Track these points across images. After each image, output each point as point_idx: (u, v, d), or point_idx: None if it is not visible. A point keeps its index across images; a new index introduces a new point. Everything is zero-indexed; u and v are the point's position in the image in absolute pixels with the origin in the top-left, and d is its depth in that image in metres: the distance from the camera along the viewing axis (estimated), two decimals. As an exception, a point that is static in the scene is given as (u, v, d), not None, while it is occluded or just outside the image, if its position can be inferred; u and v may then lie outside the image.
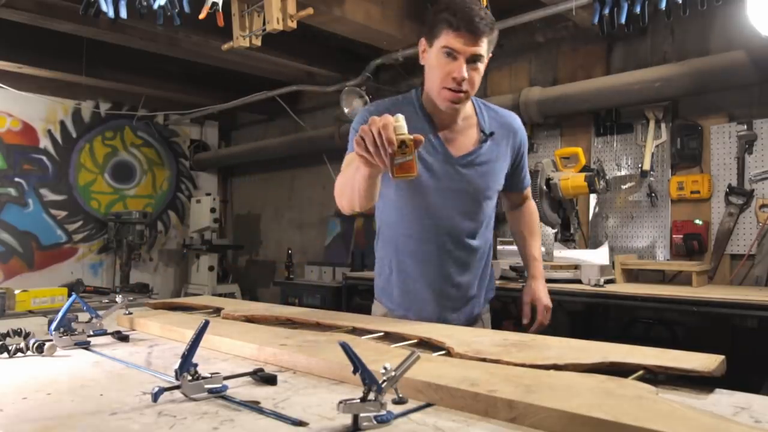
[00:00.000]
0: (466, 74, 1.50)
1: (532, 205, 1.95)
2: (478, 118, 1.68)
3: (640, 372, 1.02)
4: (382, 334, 1.45)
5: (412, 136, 1.23)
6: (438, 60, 1.53)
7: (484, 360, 1.13)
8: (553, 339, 1.31)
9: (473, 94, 1.59)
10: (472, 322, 1.78)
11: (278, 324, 1.64)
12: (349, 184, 1.45)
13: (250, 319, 1.70)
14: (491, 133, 1.65)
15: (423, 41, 1.59)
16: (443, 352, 1.24)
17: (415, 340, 1.37)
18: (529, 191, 1.93)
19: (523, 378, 0.97)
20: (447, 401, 0.92)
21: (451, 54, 1.51)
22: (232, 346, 1.34)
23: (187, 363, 0.98)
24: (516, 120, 1.76)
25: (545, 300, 1.78)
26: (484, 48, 1.52)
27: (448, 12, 1.50)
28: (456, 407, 0.91)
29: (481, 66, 1.54)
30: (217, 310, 1.88)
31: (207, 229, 5.82)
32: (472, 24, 1.48)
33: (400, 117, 1.25)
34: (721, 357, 1.03)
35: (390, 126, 1.20)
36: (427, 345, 1.32)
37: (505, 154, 1.69)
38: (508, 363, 1.10)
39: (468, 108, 1.67)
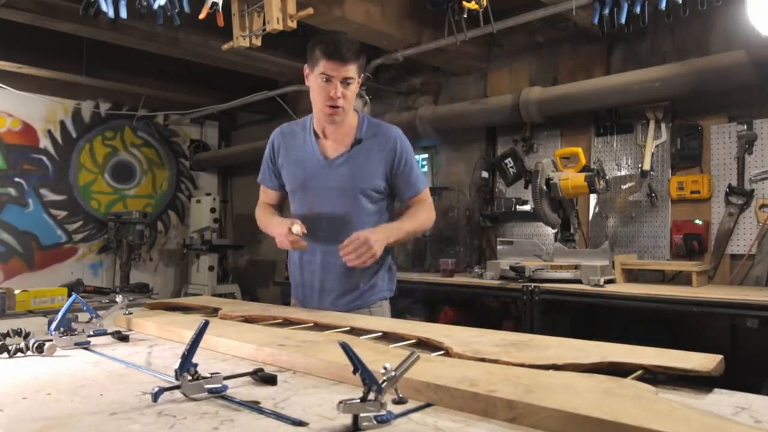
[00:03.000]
0: (340, 94, 1.83)
1: (425, 205, 2.01)
2: (357, 129, 1.97)
3: (640, 372, 1.02)
4: (380, 334, 1.45)
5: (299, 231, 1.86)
6: (318, 84, 1.86)
7: (483, 360, 1.13)
8: (551, 339, 1.31)
9: (349, 108, 1.91)
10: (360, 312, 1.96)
11: (276, 324, 1.64)
12: (265, 227, 2.11)
13: (248, 320, 1.71)
14: (359, 140, 1.95)
15: (306, 68, 1.92)
16: (442, 352, 1.24)
17: (414, 340, 1.37)
18: (422, 196, 2.01)
19: (522, 378, 0.97)
20: (447, 401, 0.92)
21: (328, 79, 1.83)
22: (230, 347, 1.34)
23: (187, 363, 0.98)
24: (392, 131, 1.98)
25: (373, 246, 1.78)
26: (354, 71, 1.85)
27: (322, 44, 1.83)
28: (456, 407, 0.91)
29: (353, 85, 1.87)
30: (215, 311, 1.88)
31: (207, 229, 5.81)
32: (341, 53, 1.81)
33: (297, 223, 1.87)
34: (719, 357, 1.03)
35: (286, 243, 1.90)
36: (426, 345, 1.32)
37: (377, 159, 1.94)
38: (507, 363, 1.10)
39: (352, 121, 1.97)
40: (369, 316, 1.82)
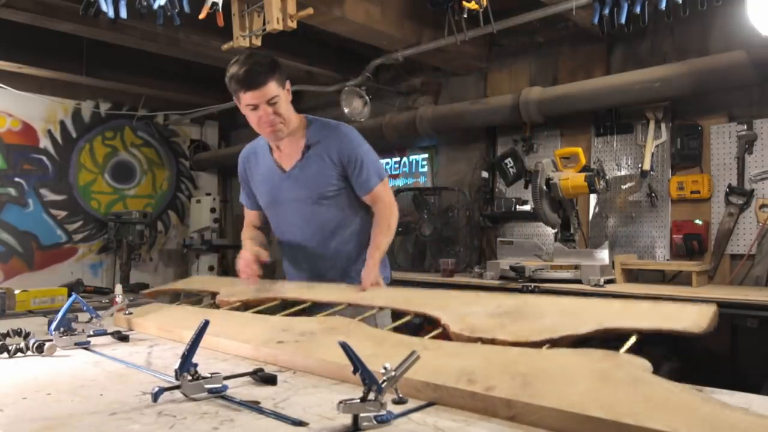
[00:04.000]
0: (271, 116, 1.83)
1: (381, 208, 2.00)
2: (306, 135, 1.96)
3: (635, 337, 1.03)
4: (376, 309, 1.52)
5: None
6: (248, 114, 1.88)
7: (480, 340, 1.14)
8: (545, 302, 1.31)
9: (290, 120, 1.89)
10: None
11: (276, 308, 1.67)
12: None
13: (246, 304, 1.72)
14: (308, 146, 1.94)
15: (235, 99, 1.90)
16: (439, 330, 1.27)
17: (411, 316, 1.40)
18: (375, 194, 1.99)
19: (519, 364, 0.97)
20: (446, 400, 0.93)
21: (254, 107, 1.83)
22: (228, 346, 1.34)
23: (187, 363, 0.98)
24: (340, 130, 1.97)
25: (379, 280, 1.89)
26: (273, 89, 1.80)
27: (233, 78, 1.81)
28: (455, 405, 0.91)
29: (279, 100, 1.83)
30: (212, 296, 1.92)
31: (207, 229, 5.81)
32: (252, 80, 1.77)
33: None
34: (713, 308, 1.05)
35: (249, 271, 1.90)
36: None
37: (328, 164, 1.94)
38: (503, 343, 1.11)
39: (300, 127, 1.96)
40: (367, 292, 1.80)
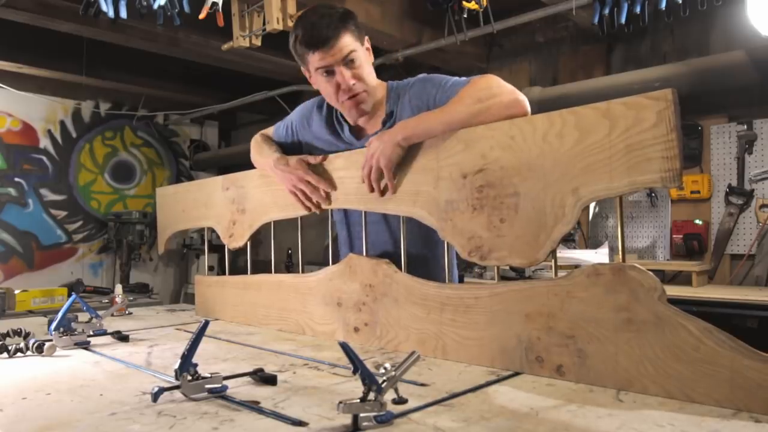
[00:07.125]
0: (351, 80, 1.50)
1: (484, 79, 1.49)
2: (386, 102, 1.61)
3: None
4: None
5: None
6: (321, 84, 1.56)
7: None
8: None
9: (371, 86, 1.56)
10: None
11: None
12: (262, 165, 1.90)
13: None
14: (390, 113, 1.58)
15: (304, 69, 1.60)
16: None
17: None
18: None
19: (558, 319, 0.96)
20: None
21: (327, 71, 1.51)
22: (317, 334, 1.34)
23: (186, 363, 0.98)
24: (426, 81, 1.57)
25: (385, 152, 1.39)
26: (349, 43, 1.49)
27: (300, 39, 1.51)
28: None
29: (358, 58, 1.51)
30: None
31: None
32: (321, 37, 1.47)
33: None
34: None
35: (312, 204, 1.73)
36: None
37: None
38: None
39: (379, 96, 1.61)
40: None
